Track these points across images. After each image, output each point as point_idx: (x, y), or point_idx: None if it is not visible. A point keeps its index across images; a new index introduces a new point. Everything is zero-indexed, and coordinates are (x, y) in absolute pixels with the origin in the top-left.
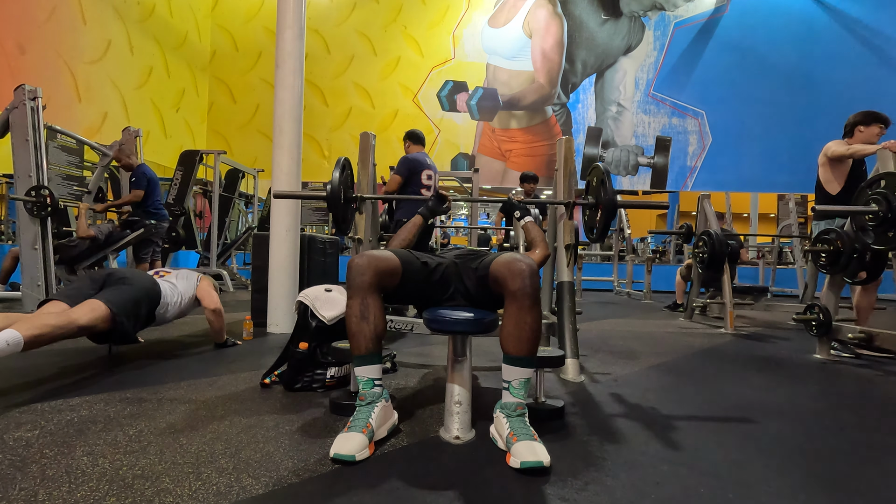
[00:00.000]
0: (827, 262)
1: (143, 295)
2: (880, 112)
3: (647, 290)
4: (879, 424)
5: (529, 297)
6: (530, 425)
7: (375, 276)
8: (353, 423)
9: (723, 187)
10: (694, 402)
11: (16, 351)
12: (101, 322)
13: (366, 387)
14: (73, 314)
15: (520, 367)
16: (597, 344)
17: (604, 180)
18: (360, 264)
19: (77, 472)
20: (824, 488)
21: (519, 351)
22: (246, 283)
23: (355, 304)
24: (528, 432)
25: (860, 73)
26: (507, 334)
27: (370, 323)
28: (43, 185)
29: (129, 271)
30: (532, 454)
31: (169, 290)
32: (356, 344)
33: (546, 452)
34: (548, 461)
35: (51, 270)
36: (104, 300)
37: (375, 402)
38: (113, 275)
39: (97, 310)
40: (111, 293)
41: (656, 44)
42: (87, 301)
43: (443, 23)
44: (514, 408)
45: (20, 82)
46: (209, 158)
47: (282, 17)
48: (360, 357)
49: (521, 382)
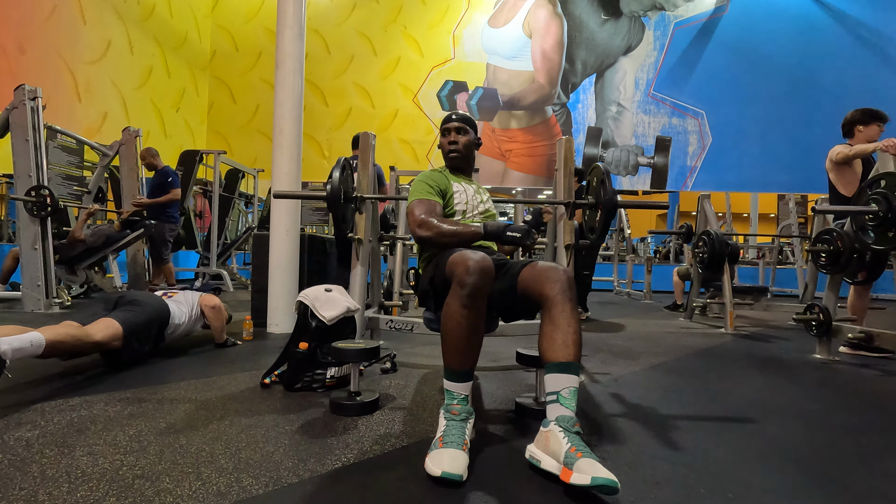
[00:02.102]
0: (827, 262)
1: (154, 316)
2: (877, 109)
3: (647, 290)
4: (879, 424)
5: (571, 300)
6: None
7: (489, 281)
8: (449, 439)
9: (723, 187)
10: (694, 402)
11: (36, 353)
12: (114, 340)
13: (461, 403)
14: (90, 329)
15: (570, 373)
16: (597, 344)
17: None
18: (474, 264)
19: (77, 472)
20: (824, 488)
21: (567, 356)
22: (246, 283)
23: (470, 314)
24: (590, 451)
25: (860, 72)
26: (551, 341)
27: (480, 336)
28: (43, 185)
29: (139, 294)
30: (604, 472)
31: (177, 310)
32: (461, 359)
33: (610, 474)
34: (618, 484)
35: (51, 270)
36: (118, 319)
37: (469, 419)
38: (124, 297)
39: (111, 327)
40: (124, 313)
41: (656, 44)
42: (101, 319)
43: (443, 23)
44: (573, 423)
45: (20, 82)
46: (209, 158)
47: (282, 17)
48: (461, 373)
49: (572, 391)
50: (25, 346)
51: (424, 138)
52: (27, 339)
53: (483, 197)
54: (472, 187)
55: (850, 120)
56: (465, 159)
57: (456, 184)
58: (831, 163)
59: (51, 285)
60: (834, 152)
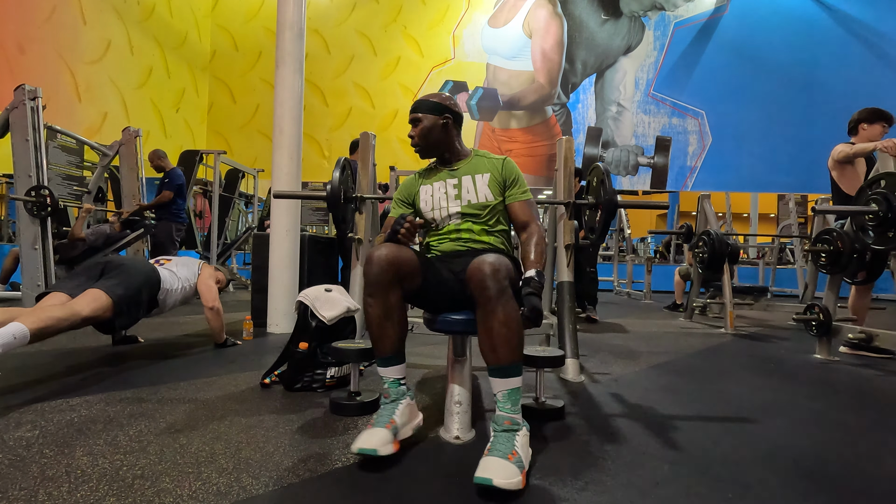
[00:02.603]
0: (827, 262)
1: (142, 281)
2: (885, 110)
3: (647, 290)
4: (879, 424)
5: (491, 298)
6: (523, 443)
7: (398, 273)
8: (377, 420)
9: (723, 187)
10: (694, 402)
11: (22, 344)
12: (103, 311)
13: (391, 386)
14: (76, 305)
15: (498, 377)
16: (597, 344)
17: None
18: (380, 259)
19: (77, 472)
20: (824, 488)
21: (495, 360)
22: (246, 283)
23: (377, 304)
24: (505, 450)
25: (860, 72)
26: (482, 344)
27: (395, 324)
28: (43, 185)
29: (126, 258)
30: (484, 470)
31: (168, 276)
32: (380, 346)
33: (508, 473)
34: (500, 482)
35: (51, 270)
36: (104, 289)
37: (400, 400)
38: (111, 262)
39: (98, 299)
40: (111, 281)
41: (656, 44)
42: (87, 291)
43: (443, 23)
44: (502, 422)
45: (20, 82)
46: (209, 158)
47: (282, 17)
48: (385, 358)
49: (505, 394)
50: (9, 341)
51: None
52: (9, 333)
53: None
54: (440, 183)
55: (856, 118)
56: (429, 148)
57: (424, 186)
58: (834, 161)
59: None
60: (836, 151)
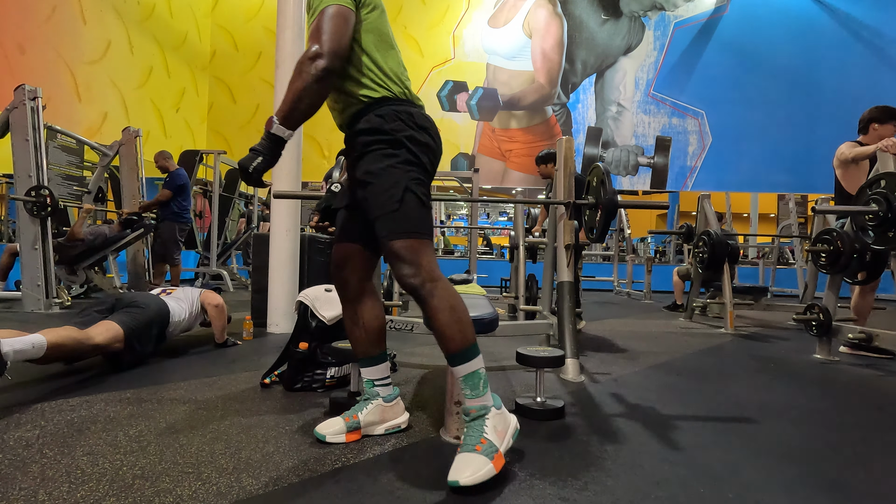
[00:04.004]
0: (827, 263)
1: (154, 316)
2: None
3: (647, 291)
4: (879, 424)
5: (420, 298)
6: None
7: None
8: (345, 412)
9: (723, 187)
10: (694, 402)
11: (37, 356)
12: (114, 342)
13: (366, 385)
14: (90, 332)
15: (454, 365)
16: (597, 344)
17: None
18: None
19: (77, 472)
20: (824, 488)
21: (445, 351)
22: (246, 283)
23: (345, 310)
24: (473, 441)
25: (860, 72)
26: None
27: (362, 329)
28: (43, 185)
29: (138, 295)
30: (453, 472)
31: (176, 307)
32: (354, 349)
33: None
34: (466, 480)
35: (51, 270)
36: (118, 321)
37: (371, 399)
38: (122, 299)
39: (111, 329)
40: (124, 315)
41: (656, 44)
42: (101, 322)
43: (443, 23)
44: (469, 412)
45: (20, 82)
46: (209, 158)
47: (282, 17)
48: (360, 360)
49: (462, 381)
50: (27, 349)
51: None
52: (29, 340)
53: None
54: None
55: (867, 117)
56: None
57: None
58: (838, 161)
59: (51, 285)
60: (839, 152)
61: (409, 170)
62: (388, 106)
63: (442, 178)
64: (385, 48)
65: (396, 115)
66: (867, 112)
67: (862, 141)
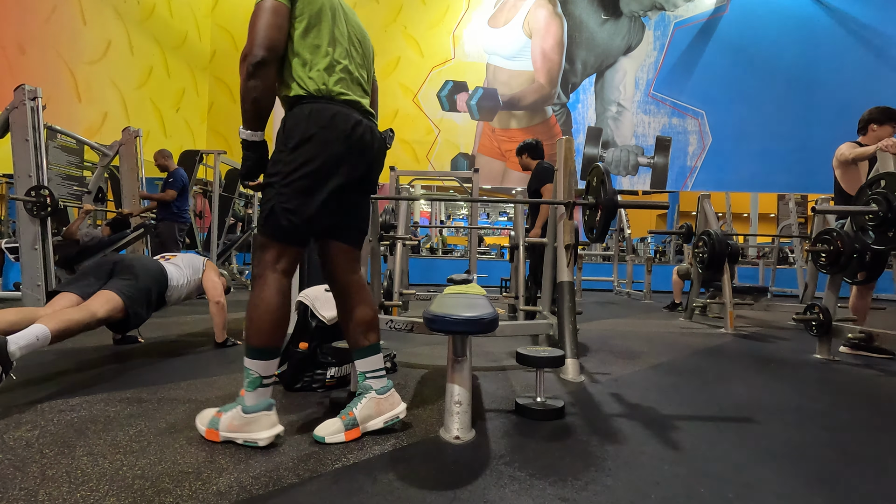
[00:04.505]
0: (827, 262)
1: (152, 282)
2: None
3: (647, 291)
4: (879, 424)
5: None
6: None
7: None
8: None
9: (723, 187)
10: (694, 402)
11: (44, 345)
12: (116, 312)
13: (359, 379)
14: (92, 307)
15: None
16: (597, 344)
17: (604, 180)
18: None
19: (77, 472)
20: (824, 488)
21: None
22: (246, 283)
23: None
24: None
25: (860, 72)
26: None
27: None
28: (43, 185)
29: (135, 258)
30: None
31: (175, 272)
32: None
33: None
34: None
35: (51, 270)
36: (116, 290)
37: (364, 394)
38: (120, 262)
39: (112, 300)
40: (122, 283)
41: (656, 44)
42: (100, 293)
43: (443, 23)
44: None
45: (20, 82)
46: (209, 158)
47: None
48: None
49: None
50: (32, 342)
51: (424, 138)
52: (32, 334)
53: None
54: None
55: (867, 117)
56: None
57: None
58: (837, 161)
59: (51, 285)
60: (839, 152)
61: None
62: (301, 105)
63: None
64: (308, 45)
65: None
66: (866, 113)
67: (861, 142)
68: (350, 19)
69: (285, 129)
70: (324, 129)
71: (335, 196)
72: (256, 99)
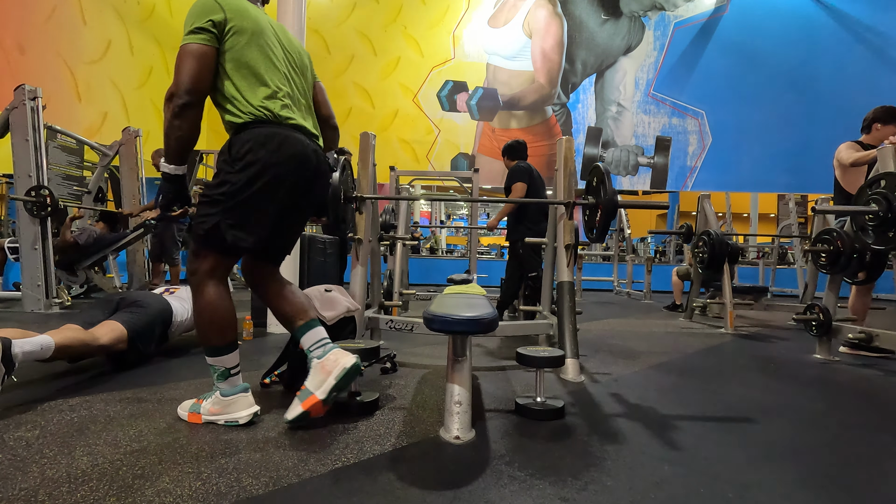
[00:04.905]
0: (827, 262)
1: (156, 316)
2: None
3: (647, 291)
4: (879, 424)
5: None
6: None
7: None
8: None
9: (723, 187)
10: (694, 402)
11: (45, 356)
12: (119, 342)
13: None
14: (95, 332)
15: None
16: (597, 344)
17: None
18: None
19: (77, 472)
20: (824, 488)
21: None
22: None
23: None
24: (204, 395)
25: (860, 72)
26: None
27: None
28: (43, 185)
29: (141, 294)
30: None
31: (179, 307)
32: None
33: (185, 407)
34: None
35: (51, 270)
36: (121, 321)
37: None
38: (125, 299)
39: (115, 330)
40: (126, 315)
41: (656, 44)
42: (105, 322)
43: (443, 23)
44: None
45: (20, 82)
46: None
47: (282, 17)
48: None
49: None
50: (35, 350)
51: (424, 138)
52: (37, 342)
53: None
54: None
55: (870, 117)
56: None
57: None
58: (838, 161)
59: (51, 285)
60: (839, 152)
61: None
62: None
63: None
64: (246, 75)
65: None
66: (871, 112)
67: (864, 141)
68: (282, 37)
69: (231, 151)
70: (272, 153)
71: (282, 216)
72: (180, 137)
